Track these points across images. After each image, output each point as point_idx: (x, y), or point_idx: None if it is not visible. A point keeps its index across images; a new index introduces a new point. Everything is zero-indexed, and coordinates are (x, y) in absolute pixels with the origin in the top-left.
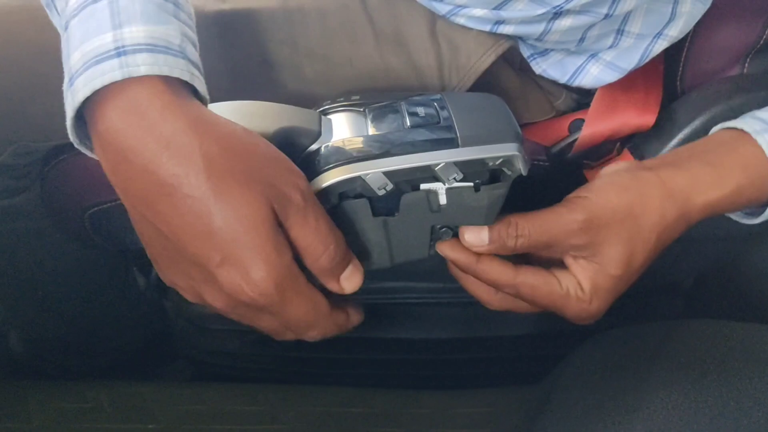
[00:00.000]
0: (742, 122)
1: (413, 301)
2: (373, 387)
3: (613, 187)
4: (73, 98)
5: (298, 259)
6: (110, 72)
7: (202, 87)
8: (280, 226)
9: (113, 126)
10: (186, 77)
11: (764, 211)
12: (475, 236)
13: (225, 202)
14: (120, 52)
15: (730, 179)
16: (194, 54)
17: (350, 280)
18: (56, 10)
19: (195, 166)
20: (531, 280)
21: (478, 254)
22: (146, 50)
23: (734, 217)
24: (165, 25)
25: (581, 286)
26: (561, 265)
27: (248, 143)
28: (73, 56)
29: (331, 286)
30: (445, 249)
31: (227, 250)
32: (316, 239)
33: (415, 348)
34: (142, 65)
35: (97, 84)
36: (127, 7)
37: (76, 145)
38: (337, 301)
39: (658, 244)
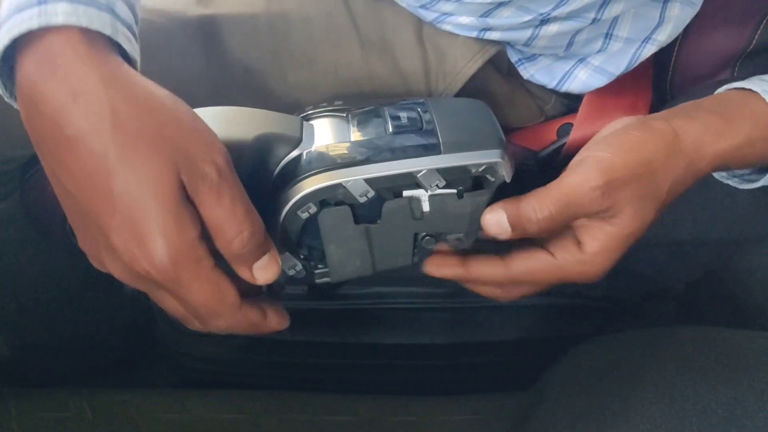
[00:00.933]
0: (749, 83)
1: (401, 306)
2: (359, 393)
3: (628, 141)
4: None
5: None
6: (29, 20)
7: (129, 46)
8: (191, 201)
9: (29, 75)
10: (107, 31)
11: (765, 175)
12: (497, 226)
13: (127, 162)
14: (41, 0)
15: (741, 130)
16: (125, 12)
17: (264, 270)
18: None
19: (101, 121)
20: (524, 266)
21: (465, 263)
22: (65, 0)
23: (733, 183)
24: None
25: (583, 248)
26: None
27: (167, 108)
28: (3, 5)
29: (243, 273)
30: (432, 269)
31: (125, 214)
32: (228, 221)
33: (403, 353)
34: (61, 14)
35: (15, 32)
36: None
37: (6, 99)
38: (268, 298)
39: (668, 198)
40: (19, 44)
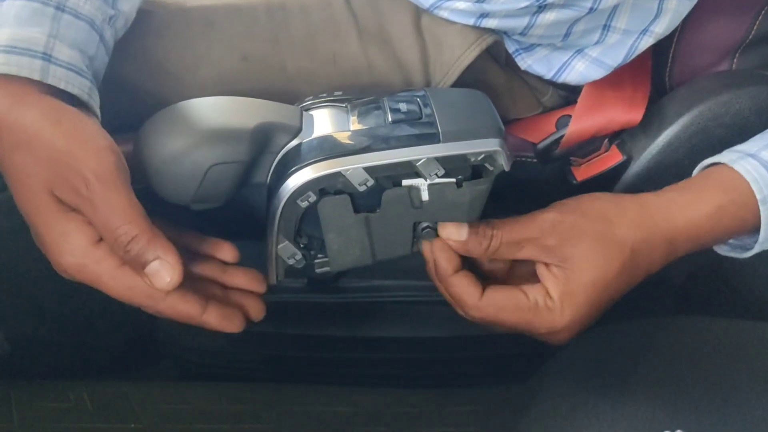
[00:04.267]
0: (718, 157)
1: (400, 299)
2: (359, 386)
3: (588, 196)
4: None
5: None
6: None
7: (64, 83)
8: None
9: None
10: (36, 76)
11: (753, 244)
12: (454, 230)
13: (13, 187)
14: None
15: (709, 200)
16: (66, 53)
17: (155, 277)
18: None
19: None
20: (496, 299)
21: (455, 265)
22: (2, 51)
23: (735, 255)
24: (32, 27)
25: (550, 294)
26: (533, 278)
27: (38, 137)
28: None
29: (140, 276)
30: (427, 249)
31: (33, 230)
32: (105, 228)
33: (403, 346)
34: None
35: None
36: (6, 11)
37: None
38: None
39: (635, 258)
40: None
